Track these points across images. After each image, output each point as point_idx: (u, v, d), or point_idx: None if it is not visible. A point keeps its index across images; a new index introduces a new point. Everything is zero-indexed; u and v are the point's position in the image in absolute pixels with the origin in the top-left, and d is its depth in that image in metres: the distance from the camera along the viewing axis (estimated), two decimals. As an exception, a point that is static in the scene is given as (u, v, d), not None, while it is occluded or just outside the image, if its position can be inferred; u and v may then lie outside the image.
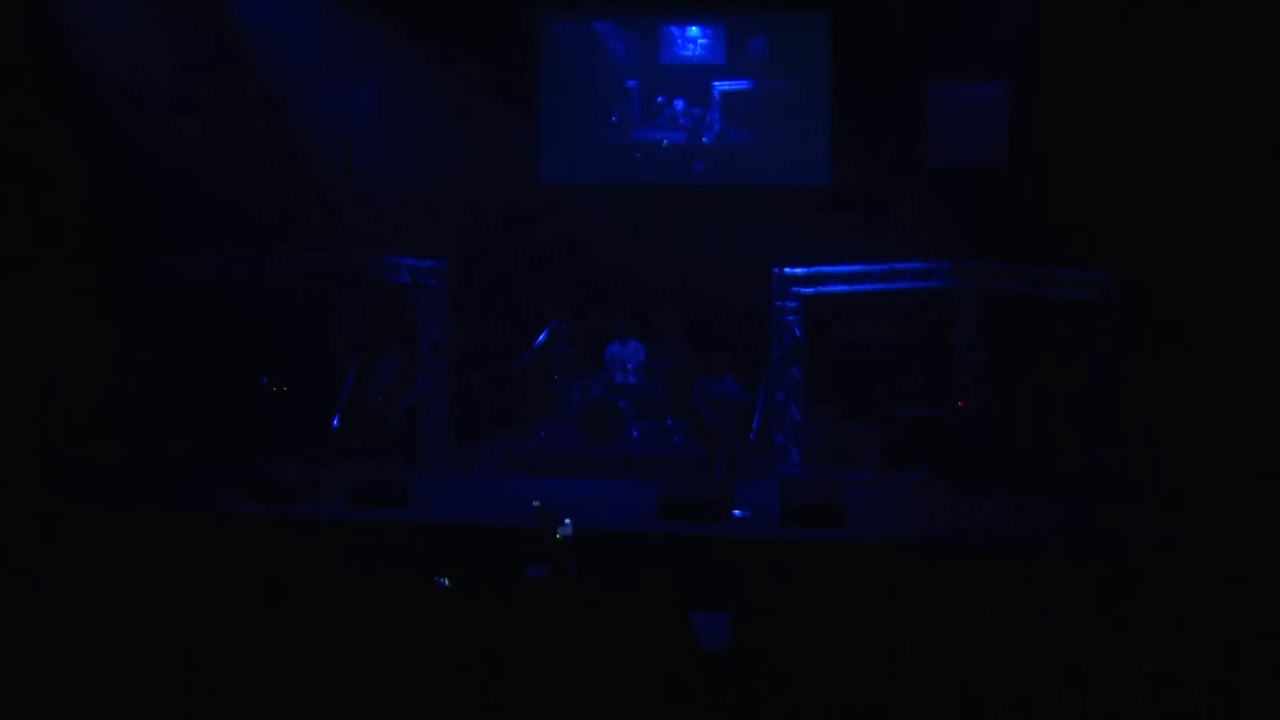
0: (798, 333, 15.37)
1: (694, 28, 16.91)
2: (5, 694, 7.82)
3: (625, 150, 17.13)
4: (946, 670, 7.90)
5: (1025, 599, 10.46)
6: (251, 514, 13.72)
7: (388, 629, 8.41)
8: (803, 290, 15.40)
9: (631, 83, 17.06)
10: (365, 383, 15.63)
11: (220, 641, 8.28)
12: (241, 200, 16.24)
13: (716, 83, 16.90)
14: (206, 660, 8.10)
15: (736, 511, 13.67)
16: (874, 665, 7.91)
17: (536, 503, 12.45)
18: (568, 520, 11.98)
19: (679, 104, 16.95)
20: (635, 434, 15.75)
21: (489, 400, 16.45)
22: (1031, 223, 15.28)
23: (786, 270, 15.35)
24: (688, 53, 16.96)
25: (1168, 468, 13.78)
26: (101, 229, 15.96)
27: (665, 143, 17.02)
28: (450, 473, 15.56)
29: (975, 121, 16.13)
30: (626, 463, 15.33)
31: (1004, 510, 13.96)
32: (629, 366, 15.88)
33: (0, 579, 10.64)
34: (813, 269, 15.40)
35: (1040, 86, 15.41)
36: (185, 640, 8.34)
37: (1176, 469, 13.70)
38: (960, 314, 15.64)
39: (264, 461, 14.42)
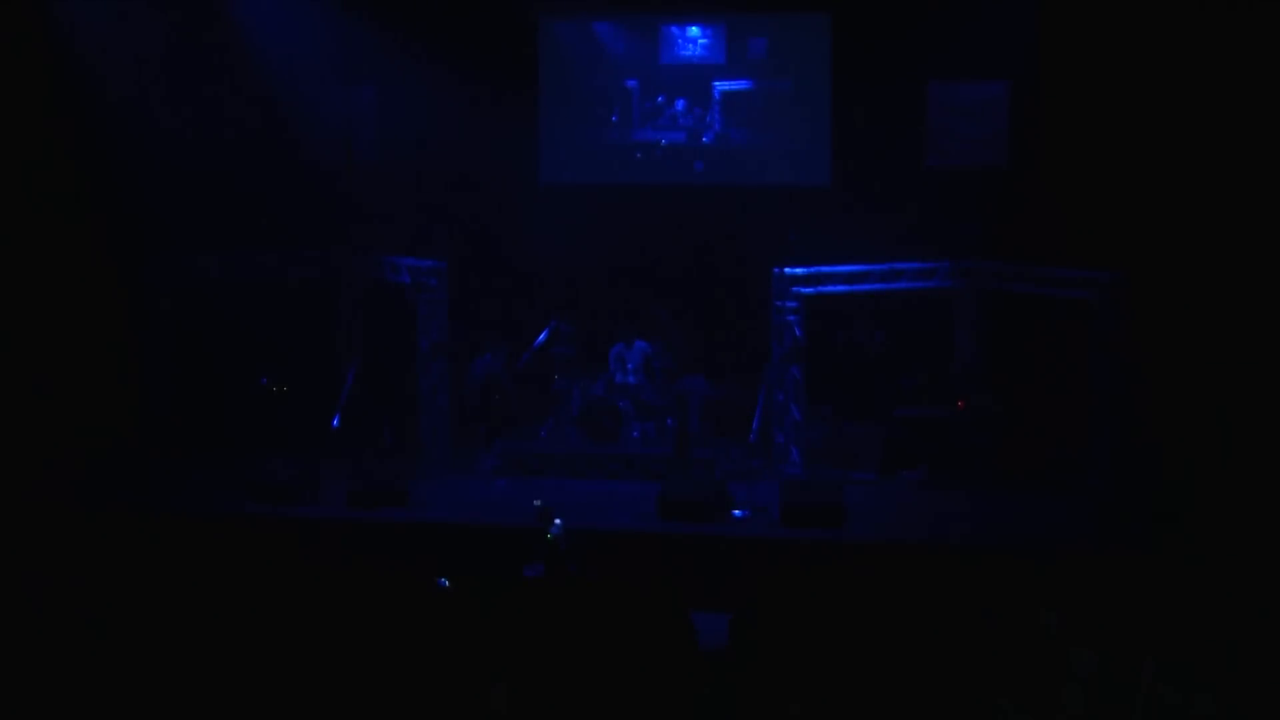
0: (798, 333, 15.36)
1: (694, 28, 16.91)
2: (6, 693, 7.83)
3: (625, 150, 17.12)
4: (946, 670, 7.91)
5: (1025, 599, 10.46)
6: (251, 514, 13.73)
7: (388, 629, 8.41)
8: (803, 290, 15.39)
9: (631, 83, 17.05)
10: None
11: (221, 641, 8.29)
12: (241, 200, 16.23)
13: (716, 83, 16.89)
14: (207, 659, 8.10)
15: (736, 511, 13.68)
16: (874, 665, 7.91)
17: (537, 502, 12.45)
18: (557, 520, 11.98)
19: (679, 104, 16.95)
20: (635, 434, 15.74)
21: (488, 400, 16.43)
22: (1031, 223, 15.27)
23: (786, 270, 15.34)
24: (688, 53, 16.95)
25: (1168, 468, 13.77)
26: (102, 229, 15.96)
27: (665, 143, 17.02)
28: (450, 473, 15.55)
29: (975, 121, 16.13)
30: (627, 463, 15.32)
31: (1004, 510, 13.96)
32: (629, 366, 15.89)
33: (0, 579, 10.65)
34: (813, 269, 15.40)
35: (1040, 86, 15.41)
36: (185, 640, 8.34)
37: (1176, 469, 13.69)
38: (960, 314, 15.63)
39: (264, 461, 14.40)
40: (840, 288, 15.54)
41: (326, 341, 16.53)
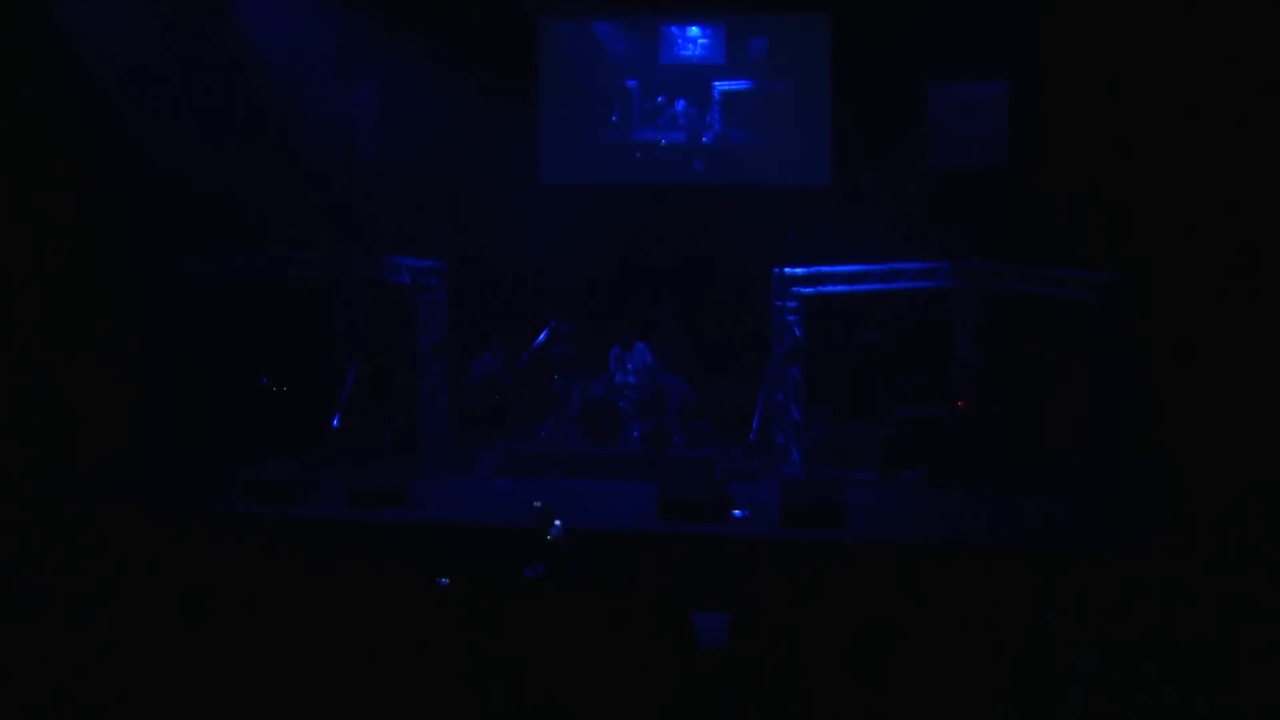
0: (798, 333, 15.36)
1: (694, 28, 16.92)
2: (6, 694, 7.82)
3: (625, 150, 17.13)
4: (946, 670, 7.90)
5: (1025, 599, 10.45)
6: (251, 514, 13.72)
7: (388, 629, 8.40)
8: (803, 290, 15.40)
9: (631, 83, 17.06)
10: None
11: (220, 642, 8.28)
12: (241, 200, 16.24)
13: (716, 83, 16.90)
14: (207, 660, 8.10)
15: (736, 511, 13.67)
16: (873, 665, 7.90)
17: (537, 503, 12.45)
18: (557, 522, 11.98)
19: (679, 104, 16.95)
20: (635, 434, 15.74)
21: (488, 400, 16.43)
22: (1031, 223, 15.28)
23: (786, 270, 15.35)
24: (688, 53, 16.96)
25: (1167, 467, 13.77)
26: (101, 229, 15.96)
27: (665, 143, 17.02)
28: (450, 473, 15.55)
29: (975, 121, 16.13)
30: (626, 463, 15.32)
31: (1004, 510, 13.96)
32: (629, 366, 15.89)
33: (0, 579, 10.64)
34: (813, 269, 15.40)
35: (1040, 86, 15.42)
36: (185, 640, 8.34)
37: (1176, 468, 13.69)
38: (960, 314, 15.63)
39: (264, 461, 14.41)
40: (840, 288, 15.54)
41: (326, 341, 16.53)
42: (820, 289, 15.47)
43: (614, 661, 7.90)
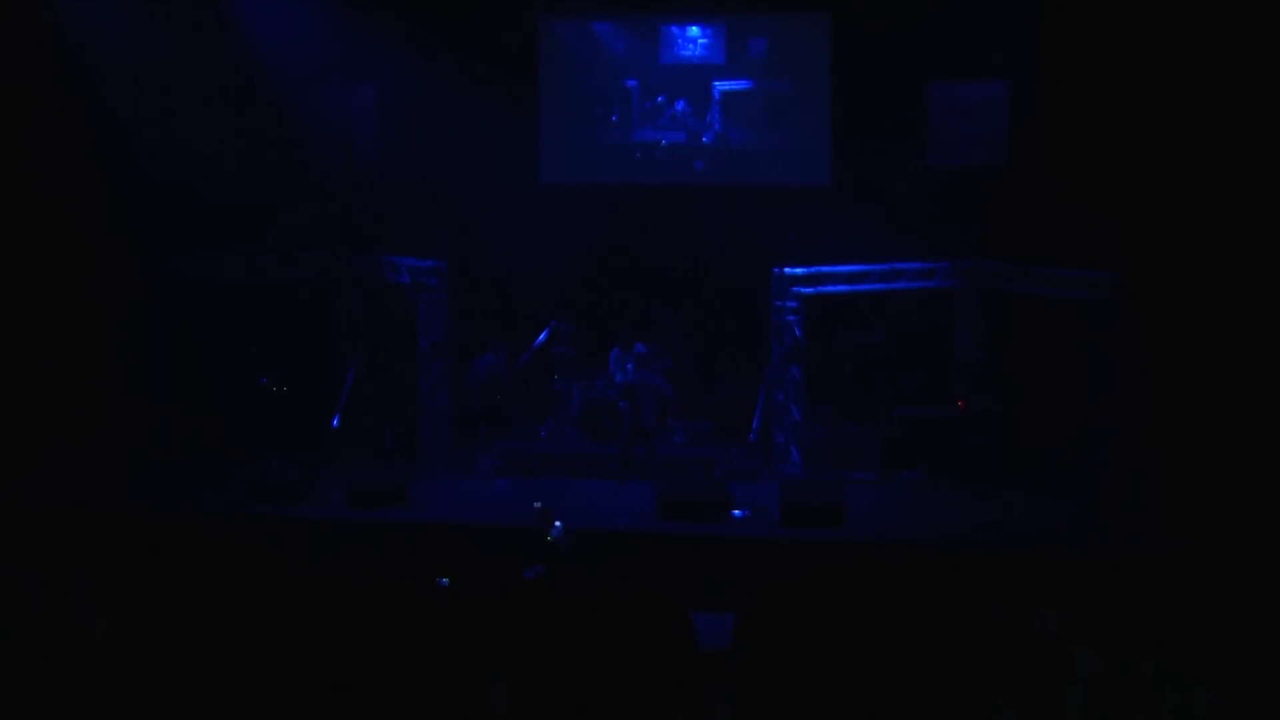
0: (798, 333, 15.36)
1: (694, 28, 16.92)
2: (6, 695, 7.83)
3: (625, 150, 17.13)
4: (946, 670, 7.90)
5: (1025, 599, 10.45)
6: (251, 514, 13.72)
7: (387, 629, 8.41)
8: (803, 290, 15.39)
9: (631, 83, 17.06)
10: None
11: (220, 642, 8.28)
12: (242, 200, 16.24)
13: (716, 83, 16.90)
14: (206, 660, 8.10)
15: (736, 511, 13.67)
16: (874, 665, 7.91)
17: (537, 504, 12.46)
18: (558, 523, 11.98)
19: (679, 104, 16.95)
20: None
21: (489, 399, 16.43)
22: (1031, 223, 15.28)
23: (786, 270, 15.35)
24: (688, 53, 16.96)
25: (1168, 467, 13.77)
26: (101, 229, 15.96)
27: (665, 143, 17.02)
28: (450, 473, 15.55)
29: (975, 121, 16.14)
30: (626, 463, 15.30)
31: (1004, 510, 13.96)
32: (629, 367, 15.88)
33: (0, 579, 10.64)
34: (813, 269, 15.40)
35: (1040, 86, 15.42)
36: (185, 640, 8.34)
37: (1176, 468, 13.69)
38: (960, 314, 15.63)
39: (264, 461, 14.41)
40: (840, 288, 15.54)
41: (326, 341, 16.53)
42: (820, 289, 15.47)
43: (614, 662, 7.90)
